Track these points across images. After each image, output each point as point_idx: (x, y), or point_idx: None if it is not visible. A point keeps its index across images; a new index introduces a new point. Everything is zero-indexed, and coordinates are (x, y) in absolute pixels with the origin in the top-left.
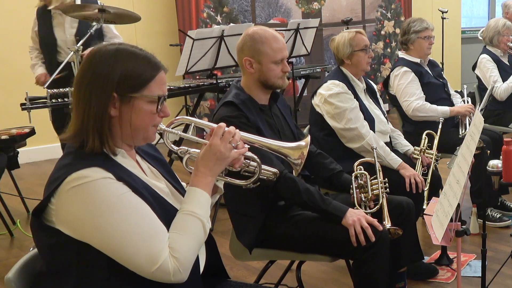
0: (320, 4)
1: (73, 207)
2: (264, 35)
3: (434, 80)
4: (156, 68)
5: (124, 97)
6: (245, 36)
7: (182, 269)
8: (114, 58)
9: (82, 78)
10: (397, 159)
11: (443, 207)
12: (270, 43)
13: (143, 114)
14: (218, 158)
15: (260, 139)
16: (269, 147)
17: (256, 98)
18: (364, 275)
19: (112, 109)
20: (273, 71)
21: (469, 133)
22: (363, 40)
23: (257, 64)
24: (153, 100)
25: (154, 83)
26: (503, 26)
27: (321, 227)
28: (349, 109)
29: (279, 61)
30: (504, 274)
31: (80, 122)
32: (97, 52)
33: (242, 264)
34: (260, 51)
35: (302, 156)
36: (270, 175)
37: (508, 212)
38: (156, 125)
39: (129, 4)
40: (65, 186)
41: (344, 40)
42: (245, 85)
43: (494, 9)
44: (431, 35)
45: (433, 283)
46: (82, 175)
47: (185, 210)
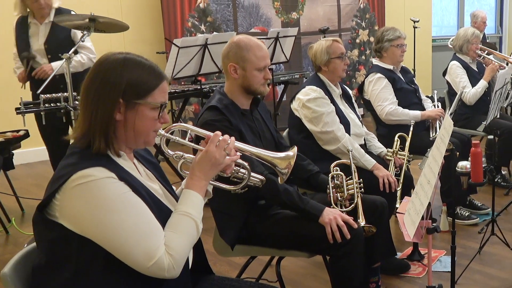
0: (299, 14)
1: (77, 203)
2: (249, 43)
3: (406, 85)
4: (160, 77)
5: (129, 103)
6: (231, 44)
7: (176, 266)
8: (121, 66)
9: (90, 84)
10: (371, 160)
11: (415, 206)
12: (255, 51)
13: (146, 120)
14: (213, 164)
15: (252, 148)
16: (260, 156)
17: (238, 103)
18: (340, 270)
19: (117, 114)
20: (256, 77)
21: (439, 136)
22: (340, 48)
23: (241, 70)
24: (156, 107)
25: (158, 91)
26: (472, 35)
27: (299, 225)
28: (325, 113)
29: (262, 68)
30: (472, 269)
31: (88, 125)
32: (106, 60)
33: (225, 260)
34: (244, 58)
35: (289, 166)
36: (257, 182)
37: (476, 211)
38: (156, 131)
39: (118, 13)
40: (71, 184)
41: (321, 48)
42: (228, 91)
43: (463, 19)
44: (403, 43)
45: (405, 278)
46: (87, 173)
47: (180, 211)
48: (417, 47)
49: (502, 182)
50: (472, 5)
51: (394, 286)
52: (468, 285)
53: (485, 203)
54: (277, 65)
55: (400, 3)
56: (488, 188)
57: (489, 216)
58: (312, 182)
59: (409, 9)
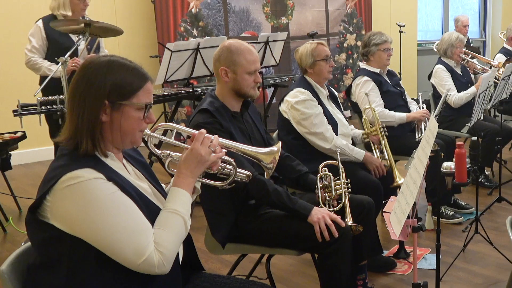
0: (288, 19)
1: (67, 204)
2: (240, 47)
3: (392, 88)
4: (144, 78)
5: (114, 104)
6: (222, 48)
7: (166, 262)
8: (106, 68)
9: (76, 87)
10: (361, 152)
11: (401, 205)
12: (245, 55)
13: (132, 120)
14: (199, 161)
15: (237, 144)
16: (245, 152)
17: (229, 105)
18: (328, 268)
19: (103, 115)
20: (246, 80)
21: (424, 137)
22: (324, 51)
23: (232, 74)
24: (140, 107)
25: (142, 92)
26: (456, 39)
27: (288, 224)
28: (314, 115)
29: (253, 72)
30: (456, 267)
31: (74, 126)
32: (91, 63)
33: (216, 258)
34: (235, 61)
35: (274, 161)
36: (244, 177)
37: (460, 210)
38: (142, 130)
39: (112, 18)
40: (60, 185)
41: (306, 50)
42: (219, 94)
43: (447, 24)
44: (389, 48)
45: (392, 275)
46: (76, 175)
47: (168, 208)
48: (403, 51)
49: (485, 182)
50: (456, 11)
51: (380, 283)
52: (453, 282)
53: (469, 203)
54: (267, 69)
55: (386, 9)
56: (472, 188)
57: (473, 215)
58: (301, 182)
59: (395, 14)
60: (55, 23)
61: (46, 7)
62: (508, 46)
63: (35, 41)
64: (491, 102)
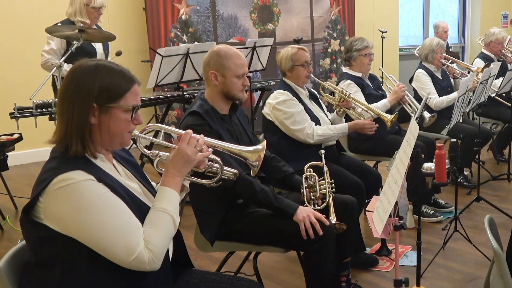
0: (274, 25)
1: (60, 205)
2: (228, 52)
3: (374, 91)
4: (131, 81)
5: (103, 107)
6: (212, 52)
7: (156, 259)
8: (94, 72)
9: (65, 91)
10: (343, 125)
11: (383, 204)
12: (234, 59)
13: (120, 122)
14: (185, 160)
15: (223, 143)
16: (231, 151)
17: (218, 108)
18: (313, 265)
19: (92, 117)
20: (235, 84)
21: (405, 139)
22: (304, 56)
23: (221, 77)
24: (128, 109)
25: (129, 94)
26: (437, 45)
27: (274, 222)
28: (296, 113)
29: (241, 75)
30: (436, 264)
31: (64, 129)
32: (79, 67)
33: (205, 255)
34: (224, 65)
35: (259, 159)
36: (231, 175)
37: (440, 209)
38: (131, 132)
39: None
40: (52, 187)
41: (287, 54)
42: (208, 97)
43: (428, 30)
44: (371, 53)
45: (374, 272)
46: (67, 177)
47: (157, 207)
48: (385, 56)
49: (464, 182)
50: (436, 17)
51: (363, 279)
52: (433, 279)
53: (449, 202)
54: (254, 73)
55: (369, 15)
56: (451, 188)
57: (452, 214)
58: (287, 182)
59: (378, 21)
60: (51, 28)
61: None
62: (486, 52)
63: (54, 43)
64: (469, 105)
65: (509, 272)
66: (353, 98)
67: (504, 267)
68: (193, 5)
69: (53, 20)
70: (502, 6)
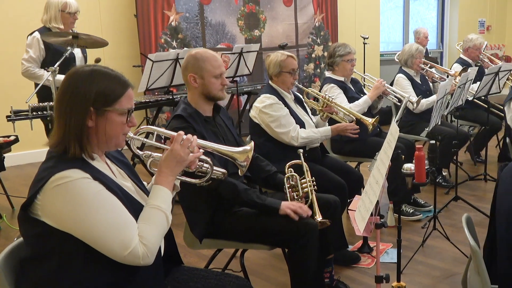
0: (260, 31)
1: (57, 202)
2: (204, 55)
3: (356, 95)
4: (126, 85)
5: (99, 111)
6: (189, 57)
7: (150, 254)
8: (90, 78)
9: (63, 95)
10: (326, 128)
11: (365, 204)
12: (210, 61)
13: (115, 125)
14: (178, 161)
15: (213, 145)
16: (220, 152)
17: (201, 110)
18: (297, 261)
19: (89, 121)
20: (214, 84)
21: (386, 141)
22: (292, 64)
23: (200, 79)
24: (123, 112)
25: (124, 98)
26: (416, 50)
27: (260, 221)
28: (281, 117)
29: (219, 75)
30: (416, 261)
31: (62, 132)
32: (75, 73)
33: (194, 252)
34: (202, 67)
35: (248, 159)
36: (220, 175)
37: (419, 208)
38: (125, 133)
39: (98, 31)
40: (50, 185)
41: (276, 60)
42: (191, 100)
43: (408, 36)
44: (353, 58)
45: (356, 268)
46: (64, 175)
47: (151, 205)
48: (367, 61)
49: (443, 182)
50: (416, 23)
51: (346, 275)
52: (413, 275)
53: (428, 201)
54: (241, 77)
55: (351, 22)
56: (430, 187)
57: (431, 213)
58: (271, 182)
59: (360, 27)
60: (45, 35)
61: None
62: (464, 57)
63: (32, 51)
64: (448, 108)
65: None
66: (336, 103)
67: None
68: (182, 12)
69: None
70: (479, 13)
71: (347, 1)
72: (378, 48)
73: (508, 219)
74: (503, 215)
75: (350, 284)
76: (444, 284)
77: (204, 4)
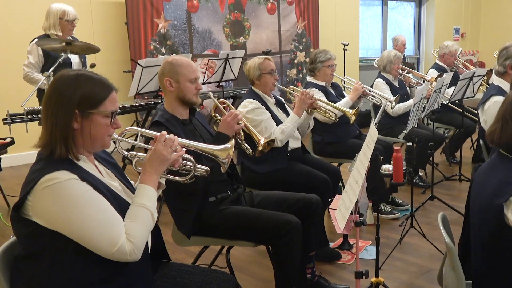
0: (245, 38)
1: (47, 203)
2: (180, 60)
3: (336, 98)
4: (109, 89)
5: (84, 113)
6: (165, 63)
7: (137, 250)
8: (75, 82)
9: (49, 99)
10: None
11: (345, 203)
12: (185, 66)
13: (100, 126)
14: (161, 160)
15: (195, 143)
16: (203, 150)
17: (178, 114)
18: (281, 258)
19: (75, 123)
20: (189, 88)
21: (365, 143)
22: (270, 65)
23: (176, 83)
24: (107, 115)
25: (108, 101)
26: (394, 56)
27: (246, 219)
28: (263, 121)
29: (193, 80)
30: (394, 257)
31: (49, 134)
32: (61, 77)
33: (182, 249)
34: (177, 72)
35: (229, 156)
36: (203, 172)
37: (397, 207)
38: (110, 135)
39: (90, 38)
40: (39, 186)
41: (254, 64)
42: (167, 106)
43: (386, 43)
44: (333, 64)
45: (337, 264)
46: (53, 177)
47: (137, 203)
48: (347, 67)
49: (419, 182)
50: (394, 31)
51: (327, 271)
52: (390, 271)
53: (405, 200)
54: (227, 82)
55: (332, 29)
56: (407, 187)
57: (408, 212)
58: None
59: (340, 34)
60: (41, 42)
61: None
62: (440, 63)
63: (32, 57)
64: (424, 111)
65: (460, 264)
66: (318, 99)
67: (455, 260)
68: (171, 20)
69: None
70: (454, 21)
71: (328, 10)
72: (357, 54)
73: (481, 218)
74: (476, 214)
75: (330, 280)
76: (421, 280)
77: (191, 12)
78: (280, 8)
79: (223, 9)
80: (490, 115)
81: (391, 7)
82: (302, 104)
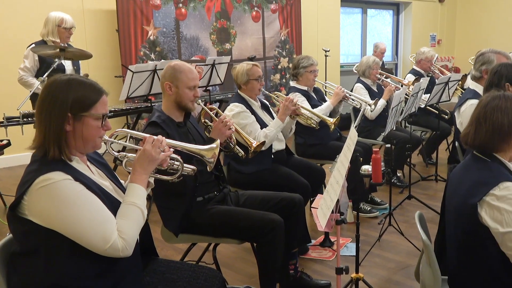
0: (231, 45)
1: (42, 202)
2: (182, 67)
3: (318, 102)
4: (100, 92)
5: (76, 116)
6: (168, 67)
7: (128, 247)
8: (67, 86)
9: (43, 103)
10: (276, 120)
11: (326, 202)
12: (186, 73)
13: (91, 129)
14: (150, 160)
15: (182, 144)
16: (189, 150)
17: (173, 117)
18: (265, 254)
19: (67, 125)
20: (187, 94)
21: (346, 145)
22: (258, 72)
23: (175, 88)
24: (98, 117)
25: (99, 104)
26: (373, 62)
27: (231, 217)
28: (248, 124)
29: (192, 87)
30: (373, 254)
31: (43, 136)
32: (54, 82)
33: (170, 246)
34: (178, 78)
35: (214, 156)
36: (190, 171)
37: (376, 206)
38: (101, 137)
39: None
40: (35, 187)
41: (243, 70)
42: (164, 108)
43: (365, 49)
44: (315, 69)
45: (318, 261)
46: (48, 177)
47: (127, 201)
48: (328, 72)
49: (397, 182)
50: (373, 38)
51: (309, 267)
52: (370, 267)
53: (384, 200)
54: (214, 87)
55: (314, 36)
56: (386, 187)
57: (387, 210)
58: None
59: (322, 41)
60: (36, 48)
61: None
62: (417, 68)
63: (27, 62)
64: (402, 115)
65: (436, 261)
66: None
67: (432, 256)
68: (160, 27)
69: (39, 37)
70: (430, 28)
71: (310, 17)
72: (338, 60)
73: (456, 217)
74: (451, 212)
75: (312, 275)
76: (399, 275)
77: (180, 20)
78: (265, 16)
79: (210, 17)
80: (465, 117)
81: (370, 15)
82: (286, 110)
